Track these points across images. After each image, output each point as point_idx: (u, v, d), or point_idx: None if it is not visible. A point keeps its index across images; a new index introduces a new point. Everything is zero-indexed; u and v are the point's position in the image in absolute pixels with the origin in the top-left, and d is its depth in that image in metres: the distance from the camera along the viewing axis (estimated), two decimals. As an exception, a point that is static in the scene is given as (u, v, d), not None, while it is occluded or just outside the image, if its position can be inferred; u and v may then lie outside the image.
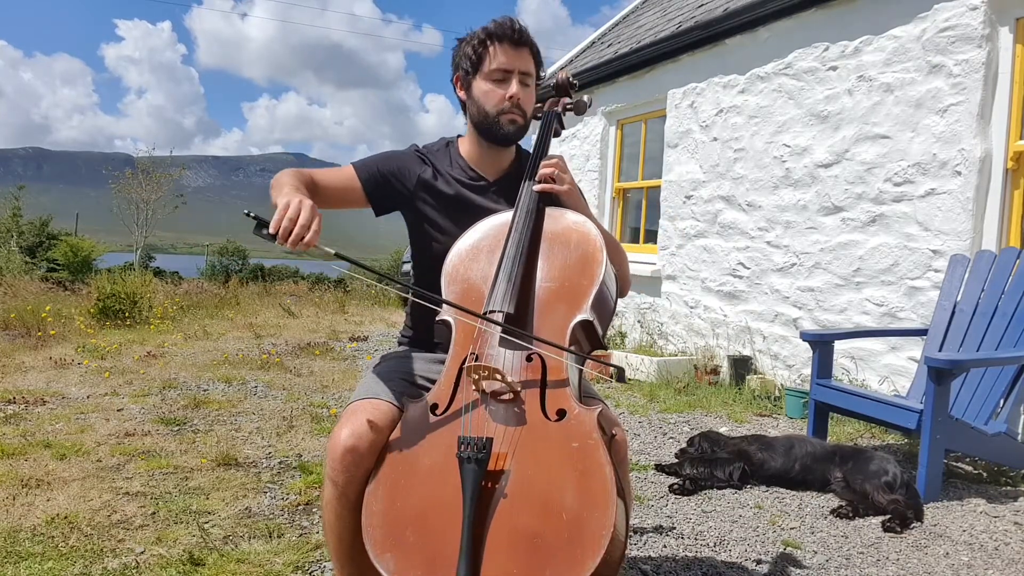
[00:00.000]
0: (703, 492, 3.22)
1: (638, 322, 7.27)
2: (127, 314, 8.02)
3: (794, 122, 5.50)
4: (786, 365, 5.55)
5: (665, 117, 7.00)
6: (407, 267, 2.09)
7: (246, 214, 1.42)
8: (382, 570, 1.36)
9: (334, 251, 1.45)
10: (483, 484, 1.38)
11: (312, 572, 2.27)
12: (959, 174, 4.32)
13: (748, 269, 5.93)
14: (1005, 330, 3.61)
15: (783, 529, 2.83)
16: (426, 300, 1.71)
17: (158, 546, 2.39)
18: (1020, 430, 3.79)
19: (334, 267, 1.49)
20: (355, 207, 1.86)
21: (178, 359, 5.98)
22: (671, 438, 4.15)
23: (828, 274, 5.20)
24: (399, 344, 2.02)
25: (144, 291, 8.58)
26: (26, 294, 9.94)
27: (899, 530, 2.82)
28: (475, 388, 1.52)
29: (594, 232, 1.72)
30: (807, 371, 4.85)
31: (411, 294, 1.91)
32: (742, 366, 5.69)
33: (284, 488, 3.02)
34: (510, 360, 1.56)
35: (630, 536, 2.24)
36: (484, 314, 1.60)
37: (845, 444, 3.69)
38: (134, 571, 2.22)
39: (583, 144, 8.31)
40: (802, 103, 5.44)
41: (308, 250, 1.42)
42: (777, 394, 5.30)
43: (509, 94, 1.78)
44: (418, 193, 1.87)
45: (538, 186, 1.78)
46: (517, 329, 1.57)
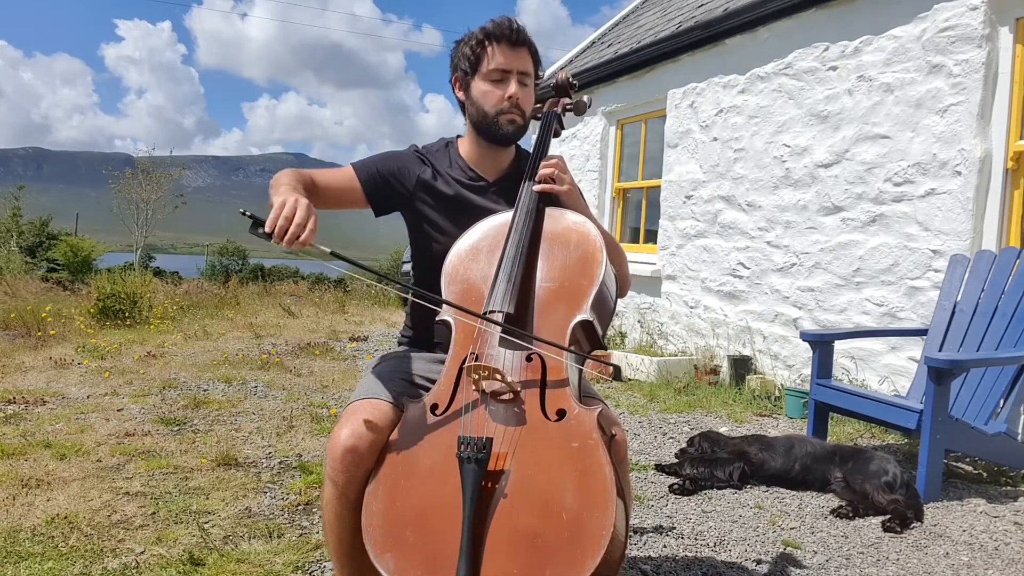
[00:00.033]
0: (703, 492, 3.22)
1: (638, 322, 7.27)
2: (127, 314, 8.02)
3: (794, 122, 5.50)
4: (786, 365, 5.55)
5: (665, 117, 7.00)
6: (407, 267, 2.09)
7: (242, 213, 1.41)
8: (382, 570, 1.36)
9: (330, 250, 1.44)
10: (483, 484, 1.38)
11: (312, 572, 2.27)
12: (959, 174, 4.32)
13: (748, 269, 5.93)
14: (1005, 330, 3.61)
15: (783, 529, 2.83)
16: (426, 300, 1.71)
17: (158, 546, 2.39)
18: (1020, 430, 3.79)
19: (334, 267, 1.49)
20: (355, 207, 1.86)
21: (178, 359, 5.98)
22: (671, 438, 4.15)
23: (828, 274, 5.20)
24: (399, 344, 2.02)
25: (144, 291, 8.59)
26: (26, 294, 9.94)
27: (899, 530, 2.82)
28: (475, 388, 1.52)
29: (594, 232, 1.72)
30: (807, 371, 4.85)
31: (411, 294, 1.91)
32: (742, 366, 5.69)
33: (284, 488, 3.02)
34: (510, 360, 1.56)
35: (630, 536, 2.24)
36: (484, 314, 1.60)
37: (845, 444, 3.69)
38: (134, 571, 2.22)
39: (583, 144, 8.31)
40: (802, 103, 5.44)
41: (304, 249, 1.41)
42: (777, 394, 5.30)
43: (508, 94, 1.78)
44: (417, 193, 1.87)
45: (538, 186, 1.78)
46: (517, 329, 1.57)
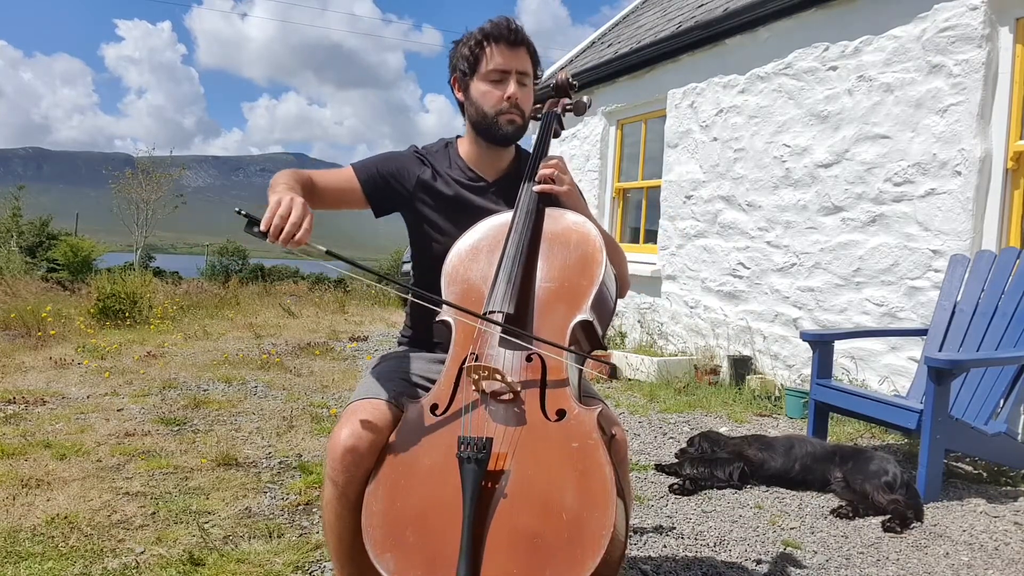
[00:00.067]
0: (703, 492, 3.22)
1: (638, 322, 7.27)
2: (127, 314, 8.02)
3: (794, 122, 5.50)
4: (786, 365, 5.55)
5: (665, 117, 7.00)
6: (407, 267, 2.09)
7: (237, 212, 1.40)
8: (382, 570, 1.36)
9: (326, 249, 1.43)
10: (483, 484, 1.38)
11: (312, 572, 2.27)
12: (959, 174, 4.32)
13: (748, 269, 5.93)
14: (1005, 330, 3.61)
15: (783, 529, 2.83)
16: (425, 300, 1.71)
17: (158, 546, 2.39)
18: (1020, 430, 3.79)
19: (333, 267, 1.48)
20: (355, 208, 1.86)
21: (178, 359, 5.98)
22: (671, 438, 4.15)
23: (828, 274, 5.20)
24: (399, 344, 2.02)
25: (144, 291, 8.59)
26: (26, 294, 9.94)
27: (899, 530, 2.82)
28: (475, 388, 1.52)
29: (594, 232, 1.72)
30: (807, 371, 4.85)
31: (410, 294, 1.91)
32: (742, 366, 5.69)
33: (284, 488, 3.02)
34: (510, 360, 1.56)
35: (630, 536, 2.24)
36: (484, 314, 1.60)
37: (845, 444, 3.69)
38: (134, 571, 2.22)
39: (583, 144, 8.31)
40: (802, 103, 5.44)
41: (299, 248, 1.40)
42: (777, 394, 5.30)
43: (507, 94, 1.78)
44: (417, 194, 1.87)
45: (538, 187, 1.78)
46: (517, 329, 1.57)
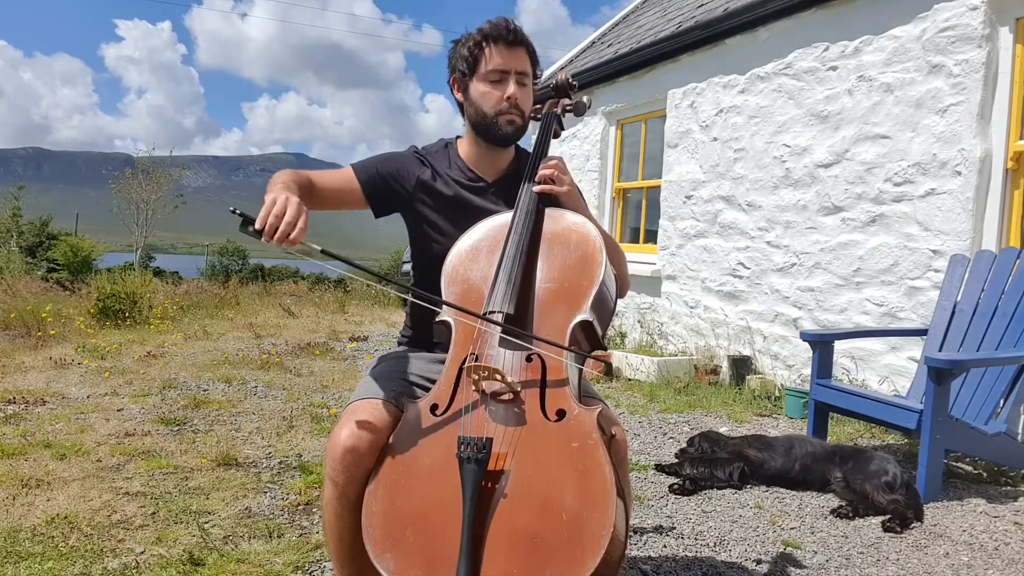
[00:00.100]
0: (703, 492, 3.22)
1: (638, 322, 7.27)
2: (127, 314, 8.02)
3: (794, 122, 5.50)
4: (786, 365, 5.55)
5: (665, 117, 7.00)
6: (407, 267, 2.09)
7: (232, 211, 1.39)
8: (382, 570, 1.36)
9: (320, 248, 1.42)
10: (483, 484, 1.38)
11: (312, 572, 2.27)
12: (959, 174, 4.32)
13: (748, 269, 5.93)
14: (1005, 330, 3.61)
15: (783, 529, 2.83)
16: (425, 301, 1.71)
17: (158, 546, 2.39)
18: (1020, 430, 3.79)
19: (333, 267, 1.48)
20: (354, 208, 1.86)
21: (178, 359, 5.98)
22: (671, 438, 4.15)
23: (828, 274, 5.20)
24: (399, 344, 2.02)
25: (144, 291, 8.59)
26: (26, 294, 9.93)
27: (899, 530, 2.82)
28: (475, 388, 1.52)
29: (594, 233, 1.72)
30: (807, 371, 4.85)
31: (410, 294, 1.91)
32: (742, 366, 5.69)
33: (284, 488, 3.02)
34: (510, 360, 1.56)
35: (630, 536, 2.24)
36: (484, 315, 1.60)
37: (845, 444, 3.69)
38: (134, 571, 2.22)
39: (583, 144, 8.31)
40: (802, 103, 5.44)
41: (294, 248, 1.39)
42: (777, 394, 5.30)
43: (507, 95, 1.77)
44: (417, 194, 1.87)
45: (538, 187, 1.78)
46: (517, 329, 1.57)
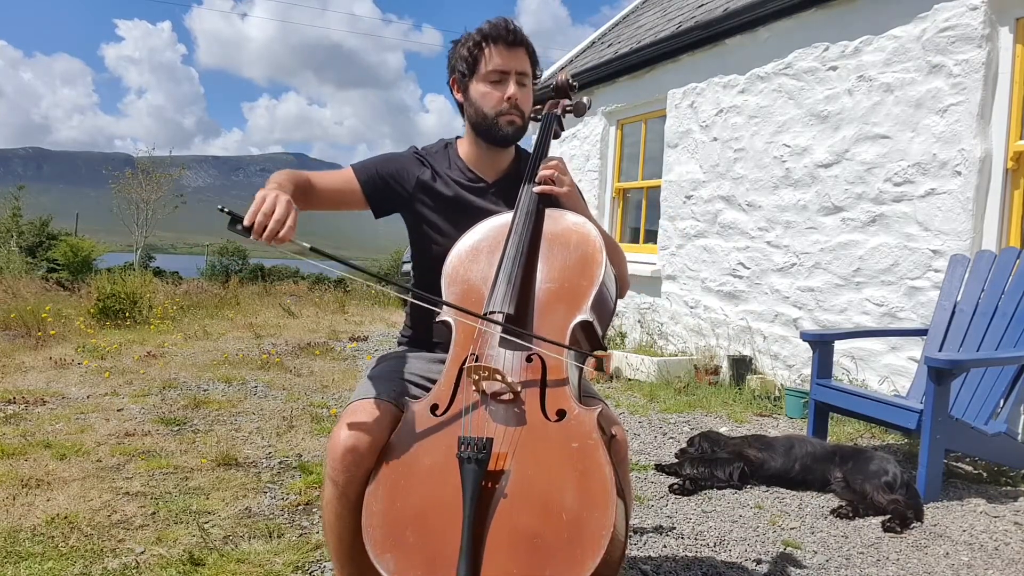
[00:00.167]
0: (703, 492, 3.22)
1: (638, 322, 7.27)
2: (127, 314, 8.02)
3: (794, 122, 5.50)
4: (786, 365, 5.55)
5: (665, 117, 7.00)
6: (407, 267, 2.09)
7: (220, 209, 1.37)
8: (382, 570, 1.36)
9: (310, 246, 1.40)
10: (483, 484, 1.38)
11: (312, 572, 2.27)
12: (959, 174, 4.32)
13: (748, 269, 5.93)
14: (1005, 330, 3.61)
15: (783, 529, 2.83)
16: (425, 301, 1.71)
17: (158, 546, 2.39)
18: (1020, 430, 3.79)
19: (333, 267, 1.47)
20: (354, 209, 1.86)
21: (178, 359, 5.98)
22: (671, 438, 4.15)
23: (828, 274, 5.20)
24: (399, 344, 2.02)
25: (144, 291, 8.59)
26: (26, 294, 9.93)
27: (899, 530, 2.82)
28: (475, 388, 1.52)
29: (594, 233, 1.72)
30: (807, 371, 4.85)
31: (409, 294, 1.91)
32: (742, 366, 5.69)
33: (284, 488, 3.02)
34: (510, 361, 1.57)
35: (630, 536, 2.24)
36: (484, 315, 1.60)
37: (845, 444, 3.69)
38: (134, 571, 2.22)
39: (583, 144, 8.31)
40: (802, 103, 5.44)
41: (283, 246, 1.38)
42: (777, 394, 5.30)
43: (506, 95, 1.77)
44: (417, 195, 1.87)
45: (538, 188, 1.78)
46: (517, 328, 1.57)
